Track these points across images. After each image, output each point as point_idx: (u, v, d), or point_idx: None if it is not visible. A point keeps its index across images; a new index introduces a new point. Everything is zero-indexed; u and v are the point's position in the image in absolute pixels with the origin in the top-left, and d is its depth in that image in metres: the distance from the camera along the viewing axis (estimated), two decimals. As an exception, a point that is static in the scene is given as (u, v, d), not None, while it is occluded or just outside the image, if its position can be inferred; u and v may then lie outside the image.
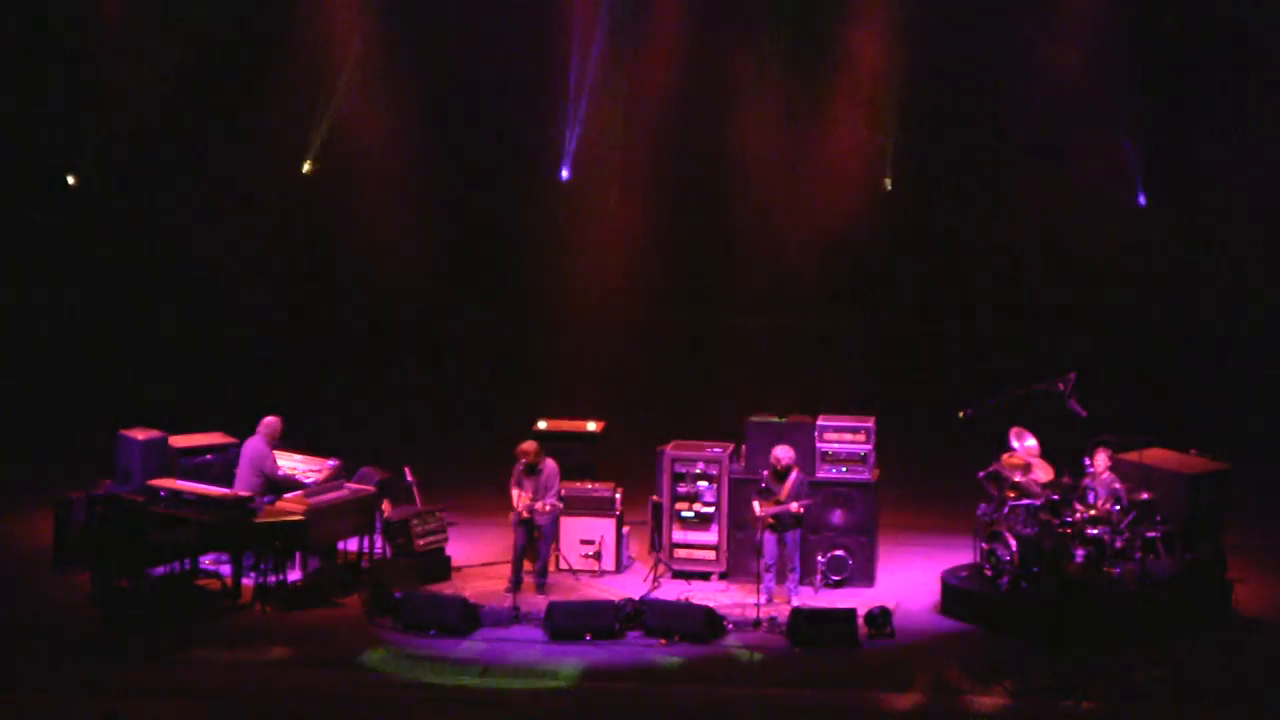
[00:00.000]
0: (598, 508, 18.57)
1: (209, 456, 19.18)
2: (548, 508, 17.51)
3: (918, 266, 21.97)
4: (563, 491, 18.11)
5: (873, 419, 18.44)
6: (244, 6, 22.11)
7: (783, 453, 17.40)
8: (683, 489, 18.32)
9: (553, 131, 21.79)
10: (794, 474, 17.34)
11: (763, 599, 16.99)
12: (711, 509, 18.26)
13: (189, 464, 19.00)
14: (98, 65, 22.28)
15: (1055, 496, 17.19)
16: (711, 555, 18.29)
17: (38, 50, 22.37)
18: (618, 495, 18.68)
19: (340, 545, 18.35)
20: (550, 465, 17.72)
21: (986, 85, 20.89)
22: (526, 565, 17.79)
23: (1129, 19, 20.48)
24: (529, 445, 17.71)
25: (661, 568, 18.26)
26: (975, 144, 21.49)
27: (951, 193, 21.67)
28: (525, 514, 17.48)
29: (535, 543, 17.73)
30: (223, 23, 21.97)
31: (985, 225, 21.60)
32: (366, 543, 18.30)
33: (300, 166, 22.32)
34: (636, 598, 16.97)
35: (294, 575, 17.75)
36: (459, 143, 22.51)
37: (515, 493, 17.63)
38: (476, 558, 18.88)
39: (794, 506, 17.22)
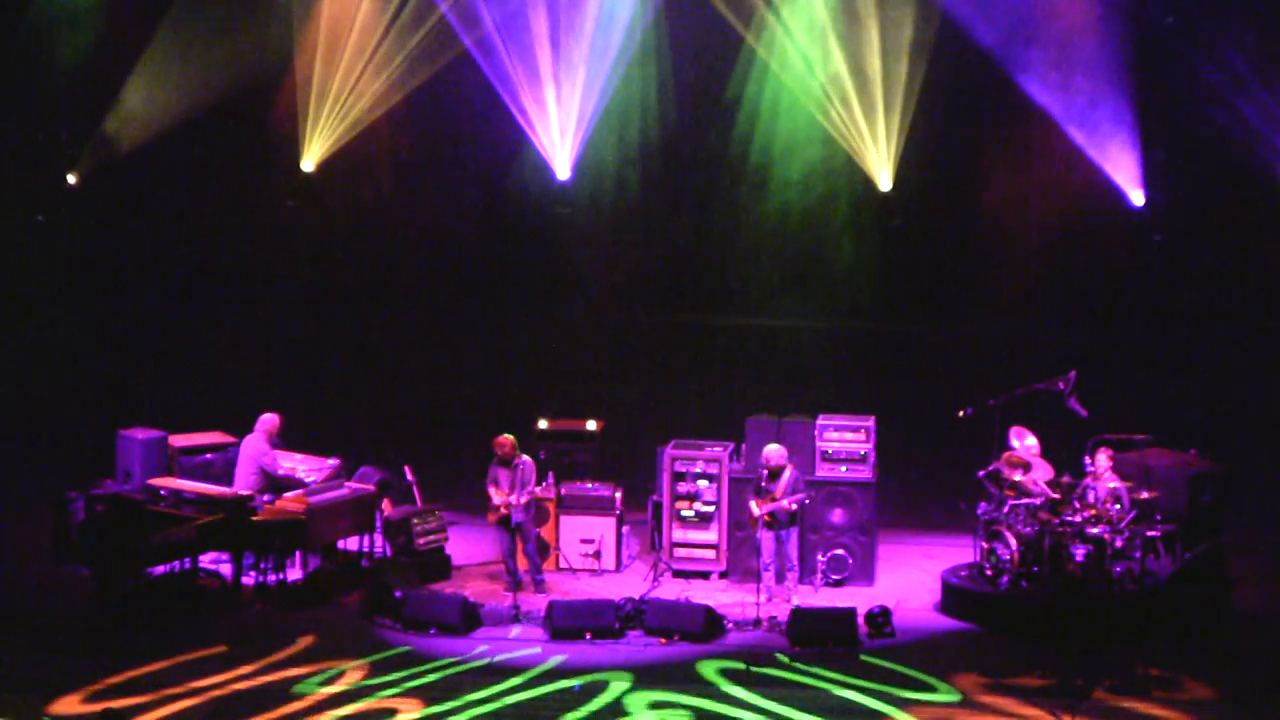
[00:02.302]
0: (598, 508, 18.60)
1: (209, 456, 19.20)
2: (523, 500, 17.47)
3: (918, 266, 21.94)
4: (553, 492, 18.11)
5: (873, 419, 18.46)
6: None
7: (774, 454, 17.41)
8: (683, 488, 18.34)
9: (552, 131, 21.76)
10: (788, 471, 17.37)
11: (762, 598, 17.00)
12: (711, 508, 18.28)
13: (189, 463, 19.02)
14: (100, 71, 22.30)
15: (1055, 496, 17.21)
16: (711, 554, 18.32)
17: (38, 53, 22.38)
18: (618, 495, 18.70)
19: (340, 545, 18.36)
20: (526, 460, 17.71)
21: (986, 83, 20.86)
22: (522, 564, 17.78)
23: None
24: (505, 439, 17.70)
25: (661, 566, 18.26)
26: (975, 141, 21.46)
27: (953, 191, 21.63)
28: (504, 510, 17.45)
29: (521, 543, 17.68)
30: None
31: (985, 223, 21.58)
32: (366, 542, 18.31)
33: (300, 165, 22.30)
34: (636, 597, 16.97)
35: (294, 575, 17.75)
36: (459, 142, 22.48)
37: (491, 490, 17.64)
38: (477, 557, 18.91)
39: (786, 503, 17.24)
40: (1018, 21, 20.55)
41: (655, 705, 14.73)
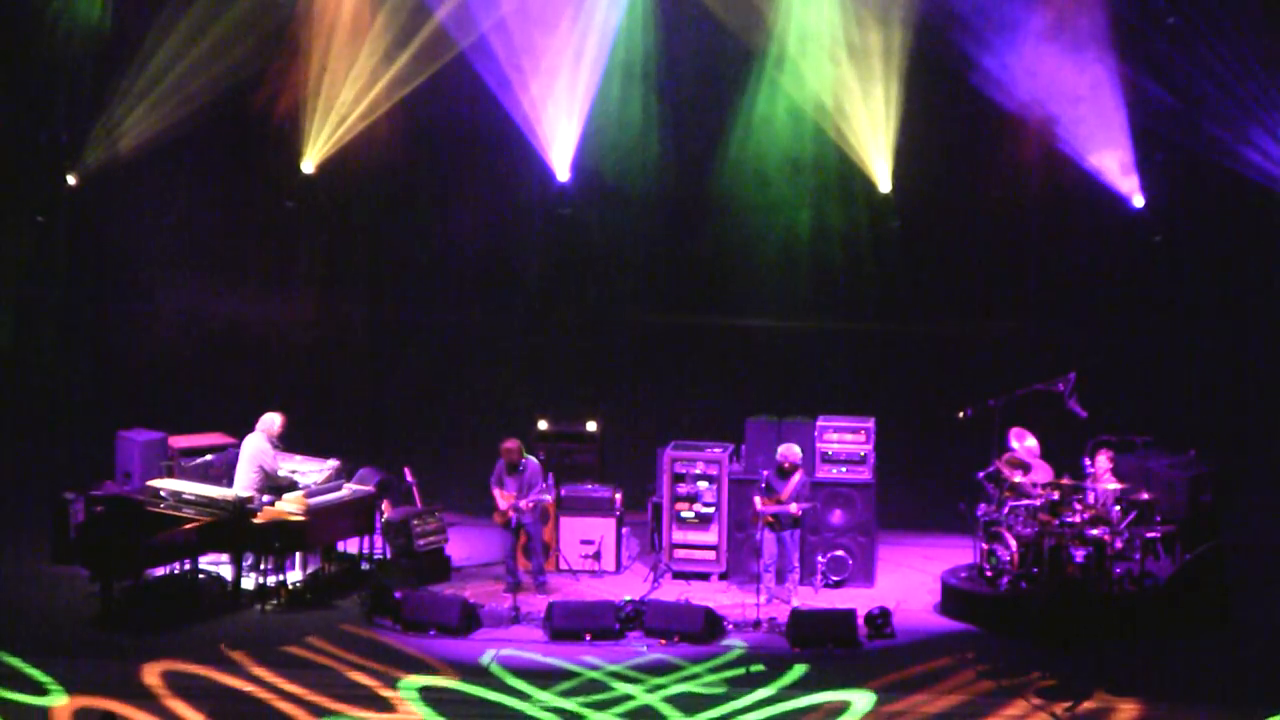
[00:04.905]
0: (598, 508, 18.60)
1: (209, 457, 19.19)
2: (530, 504, 17.52)
3: (917, 266, 21.92)
4: (553, 493, 18.11)
5: (873, 419, 18.46)
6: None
7: (789, 452, 17.45)
8: (682, 490, 18.34)
9: (552, 132, 21.76)
10: (798, 474, 17.38)
11: (762, 599, 17.00)
12: (711, 510, 18.28)
13: (189, 464, 19.01)
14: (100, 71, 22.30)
15: (1055, 496, 17.21)
16: (711, 556, 18.31)
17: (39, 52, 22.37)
18: (618, 495, 18.70)
19: (340, 546, 18.36)
20: (533, 463, 17.76)
21: (985, 83, 20.84)
22: (524, 565, 17.80)
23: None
24: (512, 443, 17.75)
25: (661, 568, 18.26)
26: (974, 142, 21.44)
27: (952, 191, 21.61)
28: (511, 513, 17.50)
29: (526, 544, 17.73)
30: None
31: (984, 223, 21.56)
32: (366, 543, 18.31)
33: (300, 166, 22.27)
34: (636, 598, 16.98)
35: (294, 575, 17.75)
36: (459, 142, 22.46)
37: (497, 492, 17.68)
38: (476, 558, 18.91)
39: (793, 509, 17.26)
40: (1017, 22, 20.54)
41: None
